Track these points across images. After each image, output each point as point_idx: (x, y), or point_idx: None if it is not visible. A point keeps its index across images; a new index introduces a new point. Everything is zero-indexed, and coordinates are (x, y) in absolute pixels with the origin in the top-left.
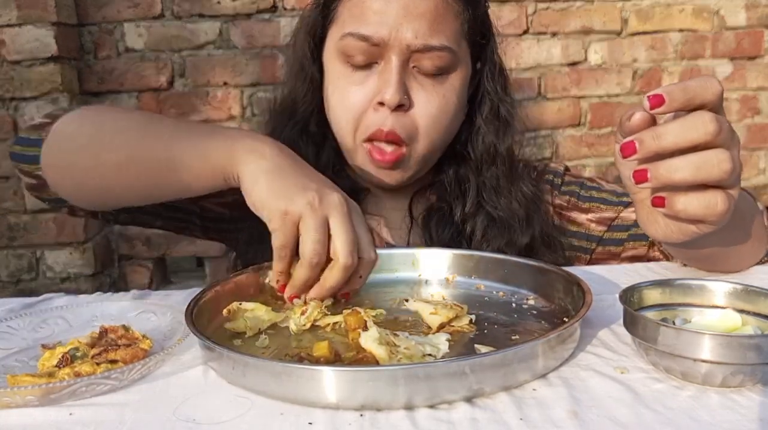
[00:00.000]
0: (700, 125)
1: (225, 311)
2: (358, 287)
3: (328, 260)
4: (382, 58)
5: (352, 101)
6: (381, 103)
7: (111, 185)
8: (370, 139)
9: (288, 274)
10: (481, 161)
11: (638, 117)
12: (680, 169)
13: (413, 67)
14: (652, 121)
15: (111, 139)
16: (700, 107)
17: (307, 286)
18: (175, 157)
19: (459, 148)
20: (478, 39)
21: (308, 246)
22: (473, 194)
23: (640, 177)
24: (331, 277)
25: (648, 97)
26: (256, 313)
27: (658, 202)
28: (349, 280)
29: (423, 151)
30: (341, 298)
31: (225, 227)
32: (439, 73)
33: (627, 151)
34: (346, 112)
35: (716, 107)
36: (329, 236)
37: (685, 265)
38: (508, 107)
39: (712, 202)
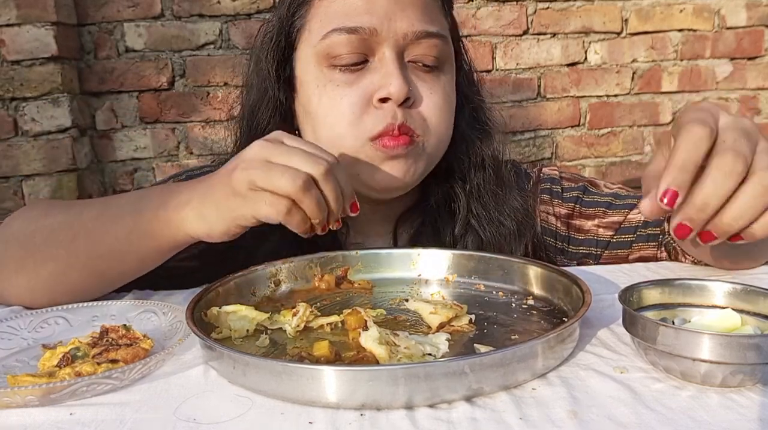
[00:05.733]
0: (731, 172)
1: (202, 315)
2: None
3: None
4: (374, 53)
5: (348, 103)
6: (383, 100)
7: (75, 289)
8: (379, 136)
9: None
10: (469, 169)
11: (671, 195)
12: (739, 218)
13: (408, 61)
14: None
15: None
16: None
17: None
18: (131, 252)
19: (446, 161)
20: (456, 39)
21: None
22: (463, 213)
23: (683, 232)
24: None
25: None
26: (239, 314)
27: (707, 238)
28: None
29: (432, 148)
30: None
31: (199, 277)
32: (435, 66)
33: (682, 233)
34: (342, 116)
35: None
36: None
37: (695, 263)
38: (485, 111)
39: None
